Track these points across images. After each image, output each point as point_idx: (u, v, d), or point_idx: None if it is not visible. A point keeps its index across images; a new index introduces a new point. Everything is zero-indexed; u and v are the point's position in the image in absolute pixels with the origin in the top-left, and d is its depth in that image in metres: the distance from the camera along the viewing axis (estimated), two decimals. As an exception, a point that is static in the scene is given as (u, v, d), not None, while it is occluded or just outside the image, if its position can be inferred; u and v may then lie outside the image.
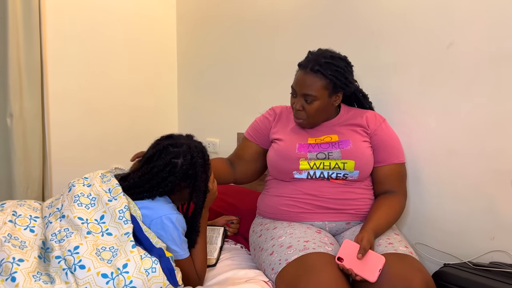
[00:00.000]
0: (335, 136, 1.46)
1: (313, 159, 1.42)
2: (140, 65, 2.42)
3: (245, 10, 2.18)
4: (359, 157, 1.41)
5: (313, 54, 1.45)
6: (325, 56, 1.42)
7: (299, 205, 1.42)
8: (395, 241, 1.30)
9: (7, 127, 1.88)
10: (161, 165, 1.22)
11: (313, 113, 1.43)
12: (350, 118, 1.51)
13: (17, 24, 1.85)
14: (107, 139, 2.31)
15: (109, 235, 1.11)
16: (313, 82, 1.39)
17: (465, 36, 1.44)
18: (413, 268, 1.17)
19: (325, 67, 1.38)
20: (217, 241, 1.55)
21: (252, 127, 1.65)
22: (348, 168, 1.41)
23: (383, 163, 1.46)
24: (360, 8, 1.71)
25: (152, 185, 1.23)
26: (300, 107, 1.43)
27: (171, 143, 1.26)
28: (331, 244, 1.30)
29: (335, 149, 1.43)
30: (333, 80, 1.39)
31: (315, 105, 1.41)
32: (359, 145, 1.44)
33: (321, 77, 1.39)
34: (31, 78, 1.93)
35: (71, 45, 2.11)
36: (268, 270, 1.29)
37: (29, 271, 0.99)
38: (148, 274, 1.03)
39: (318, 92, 1.39)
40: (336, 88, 1.42)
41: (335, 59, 1.42)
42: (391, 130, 1.52)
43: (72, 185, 1.24)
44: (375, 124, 1.49)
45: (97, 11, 2.20)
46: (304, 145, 1.46)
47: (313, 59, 1.42)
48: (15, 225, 1.12)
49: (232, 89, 2.30)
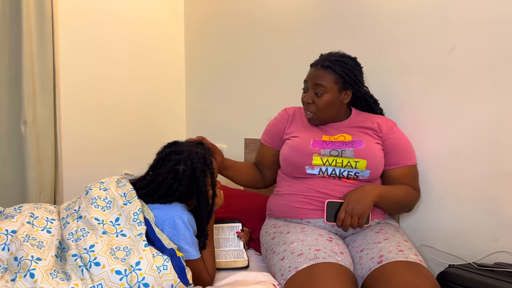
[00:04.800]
0: (349, 136, 1.51)
1: (326, 155, 1.46)
2: (149, 72, 2.48)
3: (252, 15, 2.22)
4: (371, 157, 1.45)
5: (324, 54, 1.54)
6: (335, 55, 1.51)
7: (312, 202, 1.45)
8: (405, 249, 1.31)
9: (21, 134, 1.93)
10: (164, 173, 1.27)
11: (322, 106, 1.48)
12: (361, 121, 1.56)
13: (31, 34, 1.91)
14: (117, 145, 2.35)
15: (123, 236, 1.16)
16: (324, 75, 1.47)
17: (466, 41, 1.47)
18: (423, 277, 1.19)
19: (335, 64, 1.47)
20: (240, 243, 1.58)
21: (266, 132, 1.69)
22: (360, 167, 1.45)
23: (396, 166, 1.51)
24: (365, 14, 1.75)
25: (160, 196, 1.27)
26: (310, 99, 1.49)
27: (173, 150, 1.31)
28: (341, 253, 1.31)
29: (348, 147, 1.47)
30: (342, 76, 1.46)
31: (324, 97, 1.47)
32: (372, 146, 1.48)
33: (331, 71, 1.46)
34: (44, 86, 1.98)
35: (82, 53, 2.17)
36: (278, 275, 1.32)
37: (46, 268, 1.03)
38: (160, 271, 1.07)
39: (329, 84, 1.46)
40: (345, 84, 1.48)
41: (345, 58, 1.50)
42: (402, 133, 1.56)
43: (89, 188, 1.29)
44: (387, 128, 1.53)
45: (107, 20, 2.26)
46: (319, 141, 1.50)
47: (324, 58, 1.51)
48: (33, 226, 1.17)
49: (240, 95, 2.34)
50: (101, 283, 1.02)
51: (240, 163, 1.70)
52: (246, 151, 2.24)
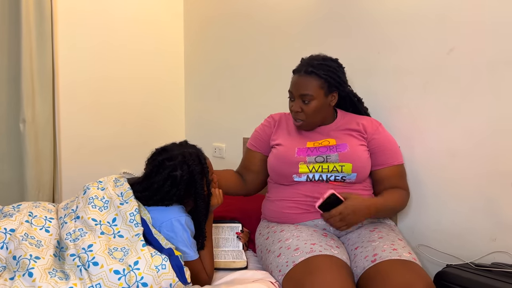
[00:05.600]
0: (333, 140, 1.51)
1: (312, 162, 1.47)
2: (148, 71, 2.48)
3: (252, 16, 2.23)
4: (356, 160, 1.46)
5: (306, 59, 1.53)
6: (317, 58, 1.50)
7: (301, 206, 1.46)
8: (399, 247, 1.32)
9: (20, 132, 1.94)
10: (160, 181, 1.26)
11: (311, 113, 1.47)
12: (346, 123, 1.56)
13: (30, 33, 1.92)
14: (116, 142, 2.36)
15: (121, 237, 1.16)
16: (308, 82, 1.45)
17: (465, 42, 1.47)
18: (417, 275, 1.19)
19: (318, 68, 1.45)
20: (239, 244, 1.58)
21: (253, 137, 1.69)
22: (346, 171, 1.45)
23: (383, 166, 1.51)
24: (364, 15, 1.75)
25: (157, 201, 1.27)
26: (299, 108, 1.48)
27: (166, 157, 1.29)
28: (337, 247, 1.33)
29: (333, 152, 1.48)
30: (327, 79, 1.45)
31: (312, 104, 1.46)
32: (356, 148, 1.48)
33: (316, 77, 1.45)
34: (43, 85, 1.98)
35: (81, 51, 2.17)
36: (275, 272, 1.32)
37: (45, 267, 1.04)
38: (158, 270, 1.07)
39: (315, 92, 1.45)
40: (331, 87, 1.48)
41: (327, 60, 1.49)
42: (387, 133, 1.56)
43: (87, 188, 1.29)
44: (371, 129, 1.53)
45: (106, 18, 2.26)
46: (303, 149, 1.50)
47: (306, 63, 1.49)
48: (31, 225, 1.17)
49: (238, 94, 2.35)
50: (99, 283, 1.02)
51: (221, 171, 1.66)
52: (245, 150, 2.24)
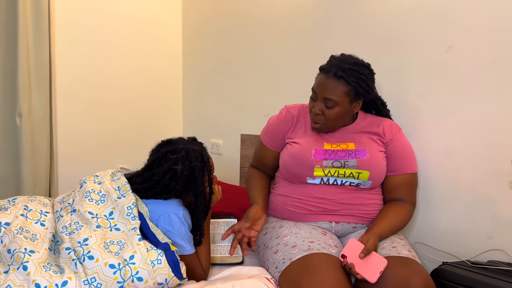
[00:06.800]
0: (352, 144, 1.45)
1: (329, 167, 1.41)
2: (146, 67, 2.47)
3: (250, 13, 2.22)
4: (374, 168, 1.41)
5: (336, 59, 1.42)
6: (348, 62, 1.38)
7: (306, 207, 1.43)
8: (398, 245, 1.32)
9: (16, 126, 1.92)
10: (161, 173, 1.26)
11: (332, 118, 1.40)
12: (367, 125, 1.49)
13: (27, 26, 1.90)
14: (113, 139, 2.35)
15: (117, 230, 1.16)
16: (335, 87, 1.36)
17: (463, 39, 1.47)
18: (414, 271, 1.19)
19: (349, 74, 1.36)
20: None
21: (269, 133, 1.58)
22: (362, 178, 1.41)
23: (395, 173, 1.46)
24: (363, 13, 1.75)
25: (155, 193, 1.27)
26: (320, 111, 1.40)
27: (169, 149, 1.28)
28: (336, 246, 1.32)
29: (352, 158, 1.41)
30: (355, 87, 1.36)
31: (335, 110, 1.39)
32: (376, 155, 1.43)
33: (344, 83, 1.36)
34: (39, 79, 1.97)
35: (78, 46, 2.16)
36: (272, 268, 1.31)
37: (40, 261, 1.03)
38: (154, 265, 1.07)
39: (340, 98, 1.37)
40: (357, 95, 1.39)
41: (359, 66, 1.38)
42: (406, 140, 1.50)
43: (83, 181, 1.28)
44: (390, 133, 1.47)
45: (104, 14, 2.25)
46: (320, 151, 1.43)
47: (336, 64, 1.38)
48: (27, 218, 1.17)
49: (236, 90, 2.34)
50: (94, 277, 1.02)
51: (263, 193, 1.54)
52: (242, 147, 2.25)
